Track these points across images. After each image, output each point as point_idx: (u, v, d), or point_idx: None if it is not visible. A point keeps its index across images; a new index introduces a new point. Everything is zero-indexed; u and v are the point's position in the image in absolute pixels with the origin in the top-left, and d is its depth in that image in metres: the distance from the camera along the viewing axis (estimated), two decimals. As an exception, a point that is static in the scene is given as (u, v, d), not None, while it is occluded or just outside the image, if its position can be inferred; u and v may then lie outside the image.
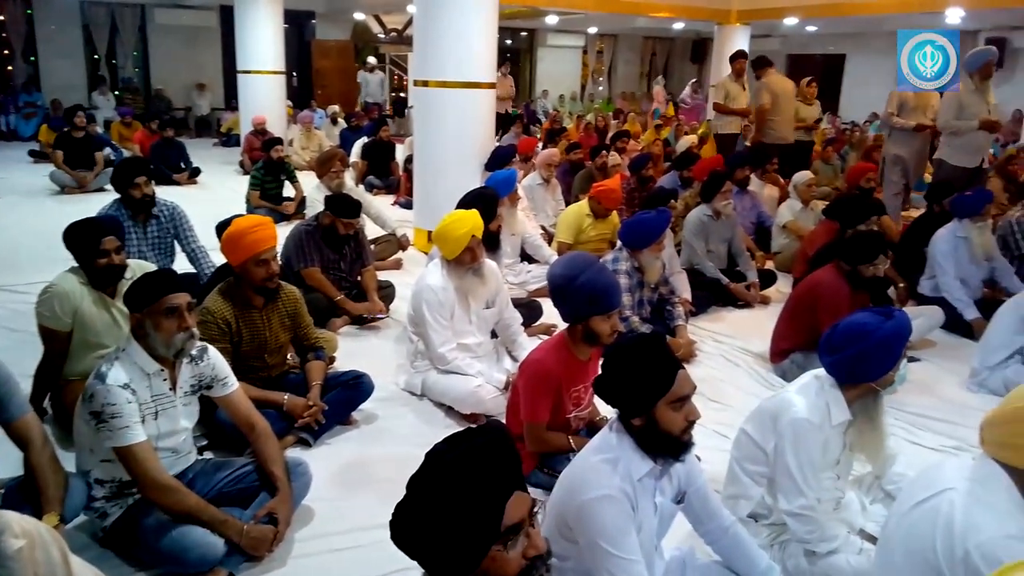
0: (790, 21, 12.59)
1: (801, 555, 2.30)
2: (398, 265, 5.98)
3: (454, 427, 3.40)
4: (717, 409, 3.65)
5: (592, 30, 19.73)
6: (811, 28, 15.53)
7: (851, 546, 2.26)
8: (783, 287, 5.55)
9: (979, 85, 5.96)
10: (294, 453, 2.96)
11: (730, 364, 4.32)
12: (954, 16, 11.70)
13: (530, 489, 2.68)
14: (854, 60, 17.42)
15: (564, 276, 2.72)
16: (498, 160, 6.03)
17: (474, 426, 1.34)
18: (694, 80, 15.95)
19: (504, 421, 3.00)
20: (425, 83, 6.06)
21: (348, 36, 18.16)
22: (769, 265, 6.09)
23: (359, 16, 17.52)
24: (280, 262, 4.26)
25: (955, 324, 4.79)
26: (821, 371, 2.35)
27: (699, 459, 2.14)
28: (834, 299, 3.78)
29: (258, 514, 2.41)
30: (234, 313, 3.04)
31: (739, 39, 12.10)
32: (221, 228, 3.45)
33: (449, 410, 3.53)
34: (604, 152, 7.11)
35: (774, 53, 17.98)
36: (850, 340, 2.23)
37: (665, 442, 1.83)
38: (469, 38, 5.89)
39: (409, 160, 7.97)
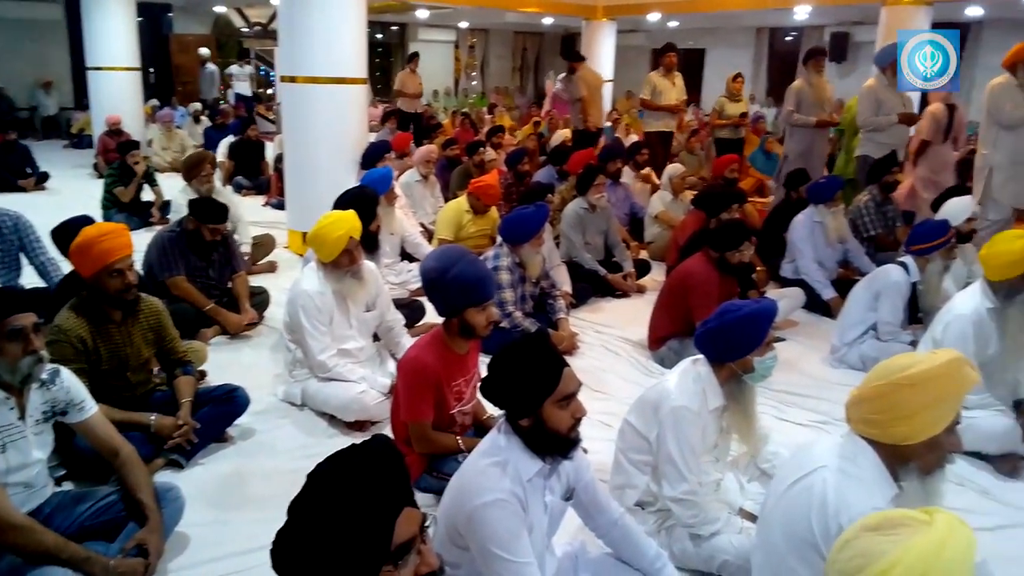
0: (653, 17, 13.02)
1: (686, 539, 2.37)
2: (272, 268, 5.76)
3: (338, 436, 3.30)
4: (600, 399, 3.71)
5: (463, 25, 19.71)
6: (673, 24, 16.13)
7: (732, 526, 2.35)
8: (657, 275, 5.72)
9: (891, 80, 5.98)
10: (164, 477, 2.78)
11: (611, 354, 4.42)
12: (801, 12, 12.45)
13: (420, 493, 2.66)
14: (713, 54, 18.23)
15: (436, 269, 2.68)
16: (371, 157, 5.90)
17: (358, 442, 1.28)
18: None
19: (390, 426, 2.94)
20: (293, 79, 5.86)
21: (209, 30, 17.33)
22: (643, 255, 6.27)
23: (220, 9, 16.76)
24: (141, 272, 4.02)
25: (814, 304, 5.10)
26: (699, 357, 2.44)
27: (585, 451, 2.16)
28: (704, 285, 3.95)
29: (126, 546, 2.23)
30: (89, 330, 2.81)
31: (606, 34, 12.40)
32: (58, 234, 3.19)
33: (332, 419, 3.41)
34: (482, 149, 7.11)
35: (639, 48, 18.63)
36: (718, 315, 2.37)
37: (553, 441, 1.83)
38: (337, 32, 5.73)
39: (280, 159, 7.70)
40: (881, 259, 5.00)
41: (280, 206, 7.46)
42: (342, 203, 3.95)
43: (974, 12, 10.40)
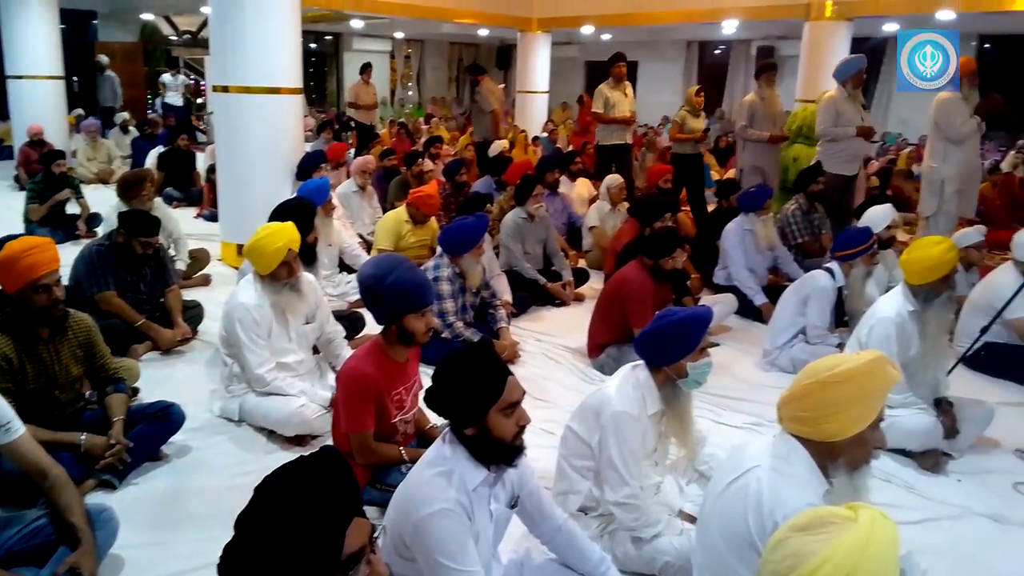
0: (587, 30, 13.20)
1: (628, 542, 2.41)
2: (206, 282, 5.63)
3: (277, 452, 3.24)
4: (542, 407, 3.74)
5: (399, 35, 19.63)
6: (606, 36, 16.40)
7: (673, 528, 2.41)
8: (595, 284, 5.80)
9: (851, 92, 6.01)
10: (97, 498, 2.69)
11: (552, 362, 4.46)
12: (730, 27, 12.81)
13: (364, 506, 2.64)
14: (646, 67, 18.61)
15: (374, 276, 2.68)
16: (306, 167, 5.84)
17: (305, 453, 1.28)
18: (501, 85, 16.33)
19: (332, 439, 2.91)
20: (225, 88, 5.76)
21: (136, 38, 16.85)
22: (581, 263, 6.34)
23: (148, 16, 16.30)
24: (69, 286, 3.88)
25: (746, 309, 5.25)
26: (638, 363, 2.49)
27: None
28: (639, 292, 4.03)
29: (58, 570, 2.16)
30: (15, 348, 2.70)
31: (541, 46, 12.53)
32: None
33: (271, 434, 3.35)
34: (420, 159, 7.10)
35: (573, 60, 18.88)
36: (656, 318, 2.45)
37: (499, 449, 1.84)
38: (271, 41, 5.66)
39: (212, 169, 7.53)
40: (808, 265, 5.18)
41: (213, 218, 7.30)
42: (279, 214, 3.90)
43: (891, 28, 10.94)
